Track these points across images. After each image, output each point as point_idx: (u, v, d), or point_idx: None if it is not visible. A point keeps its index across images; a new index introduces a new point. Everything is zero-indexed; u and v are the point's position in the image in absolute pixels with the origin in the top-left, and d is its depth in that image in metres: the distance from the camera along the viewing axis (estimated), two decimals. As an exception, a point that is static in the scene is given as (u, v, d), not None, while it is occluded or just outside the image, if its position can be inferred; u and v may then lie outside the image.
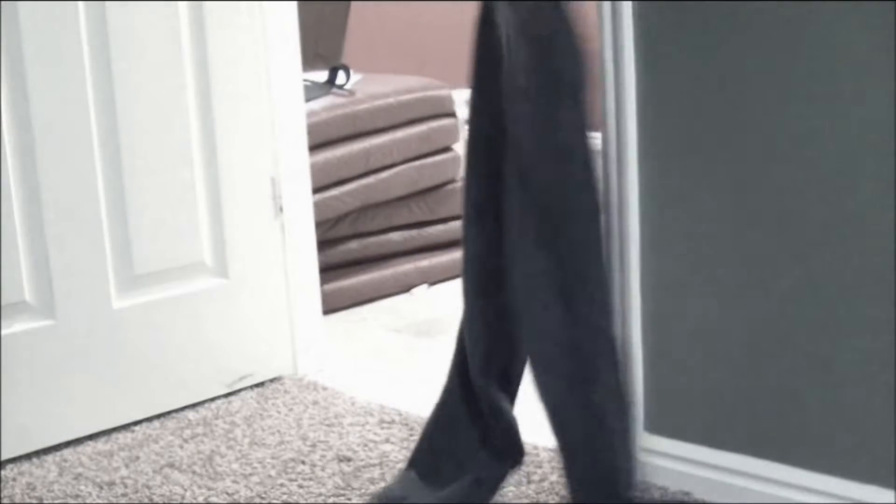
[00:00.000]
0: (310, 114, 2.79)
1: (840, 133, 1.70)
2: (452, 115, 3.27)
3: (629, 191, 1.90)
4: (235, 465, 2.14)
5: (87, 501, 2.05)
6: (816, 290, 1.76)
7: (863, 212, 1.70)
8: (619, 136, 1.90)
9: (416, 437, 2.17)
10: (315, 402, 2.41)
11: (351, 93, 3.10)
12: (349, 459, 2.14)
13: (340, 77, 3.15)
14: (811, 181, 1.74)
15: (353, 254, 3.09)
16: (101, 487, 2.09)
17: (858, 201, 1.70)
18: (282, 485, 2.06)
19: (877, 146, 1.67)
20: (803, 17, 1.70)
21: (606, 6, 1.86)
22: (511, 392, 1.90)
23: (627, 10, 1.85)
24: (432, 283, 3.20)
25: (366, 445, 2.19)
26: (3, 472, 2.17)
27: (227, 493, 2.04)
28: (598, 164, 1.94)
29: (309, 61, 3.11)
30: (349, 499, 1.99)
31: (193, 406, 2.43)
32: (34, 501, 2.05)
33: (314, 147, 2.79)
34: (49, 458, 2.23)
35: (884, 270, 1.69)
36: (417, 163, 3.16)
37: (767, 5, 1.72)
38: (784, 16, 1.71)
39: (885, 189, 1.66)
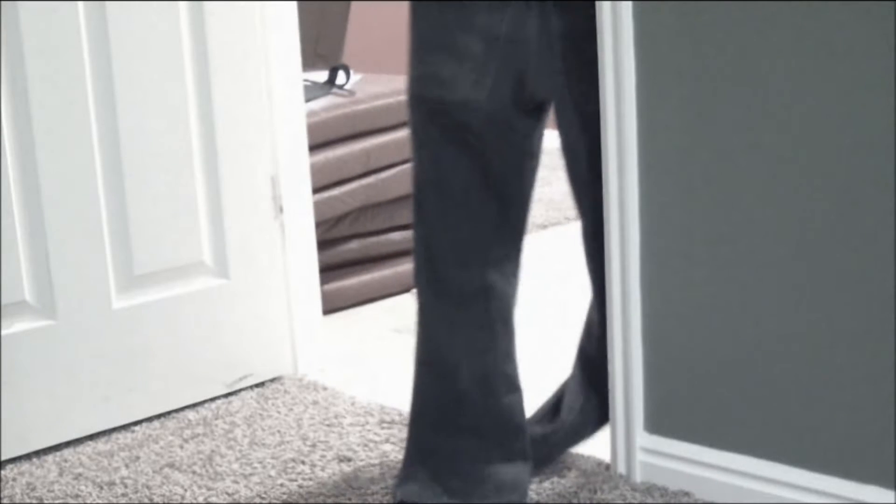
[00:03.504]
0: (310, 114, 2.79)
1: (841, 132, 1.70)
2: (452, 114, 3.25)
3: (629, 191, 1.90)
4: (235, 465, 2.14)
5: (87, 501, 2.05)
6: (816, 290, 1.76)
7: (863, 211, 1.70)
8: (619, 135, 1.89)
9: (416, 437, 2.17)
10: (315, 402, 2.41)
11: (351, 93, 3.10)
12: (349, 459, 2.14)
13: (340, 77, 3.15)
14: (811, 181, 1.74)
15: (353, 254, 3.08)
16: (101, 487, 2.09)
17: (858, 200, 1.70)
18: (282, 485, 2.06)
19: (878, 145, 1.67)
20: (803, 16, 1.70)
21: (606, 6, 1.86)
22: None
23: (627, 10, 1.85)
24: (432, 283, 3.19)
25: (366, 445, 2.19)
26: (3, 472, 2.17)
27: (227, 493, 2.04)
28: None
29: (309, 61, 3.11)
30: (349, 499, 1.99)
31: (193, 406, 2.43)
32: (34, 501, 2.05)
33: (314, 147, 2.79)
34: (49, 458, 2.23)
35: (884, 270, 1.69)
36: (417, 163, 3.16)
37: (767, 5, 1.72)
38: (784, 15, 1.71)
39: (886, 189, 1.66)
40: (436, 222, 1.92)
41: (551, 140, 1.98)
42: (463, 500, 1.89)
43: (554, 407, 2.09)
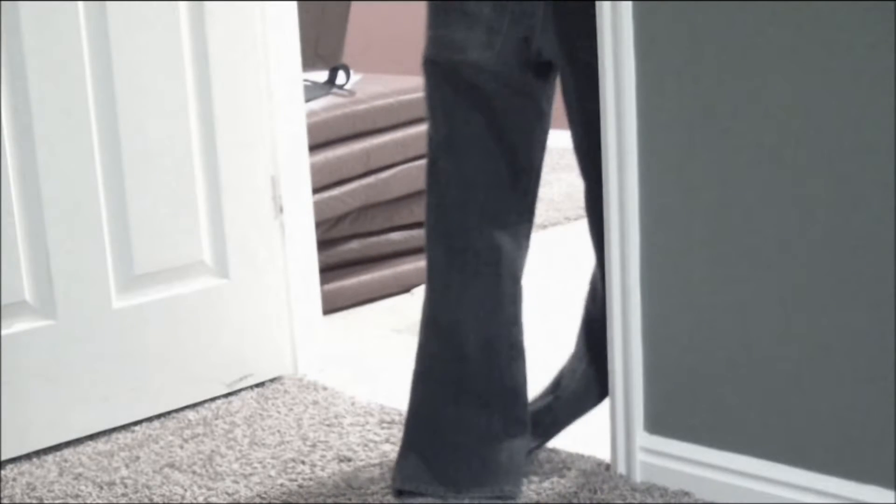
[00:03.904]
0: (310, 114, 2.79)
1: (841, 132, 1.70)
2: (452, 114, 3.26)
3: (629, 191, 1.90)
4: (235, 465, 2.14)
5: (87, 501, 2.05)
6: (816, 290, 1.76)
7: (863, 210, 1.70)
8: (618, 135, 1.90)
9: (416, 437, 2.17)
10: (315, 402, 2.41)
11: (351, 93, 3.10)
12: (349, 459, 2.14)
13: (340, 77, 3.15)
14: (811, 180, 1.74)
15: (353, 254, 3.08)
16: (101, 487, 2.09)
17: (859, 200, 1.70)
18: (282, 485, 2.06)
19: (878, 145, 1.67)
20: (803, 16, 1.70)
21: (606, 6, 1.86)
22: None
23: (627, 10, 1.85)
24: (432, 283, 3.19)
25: (366, 445, 2.19)
26: (3, 472, 2.17)
27: (227, 494, 2.04)
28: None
29: (309, 61, 3.11)
30: (349, 499, 1.99)
31: (193, 406, 2.43)
32: (34, 501, 2.05)
33: (314, 147, 2.79)
34: (49, 458, 2.23)
35: (884, 270, 1.69)
36: (417, 163, 3.16)
37: (767, 5, 1.72)
38: (784, 15, 1.72)
39: (885, 188, 1.66)
40: (449, 182, 1.96)
41: (552, 140, 1.98)
42: (459, 490, 1.93)
43: (555, 383, 2.12)
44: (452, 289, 1.97)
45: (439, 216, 1.98)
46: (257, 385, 2.52)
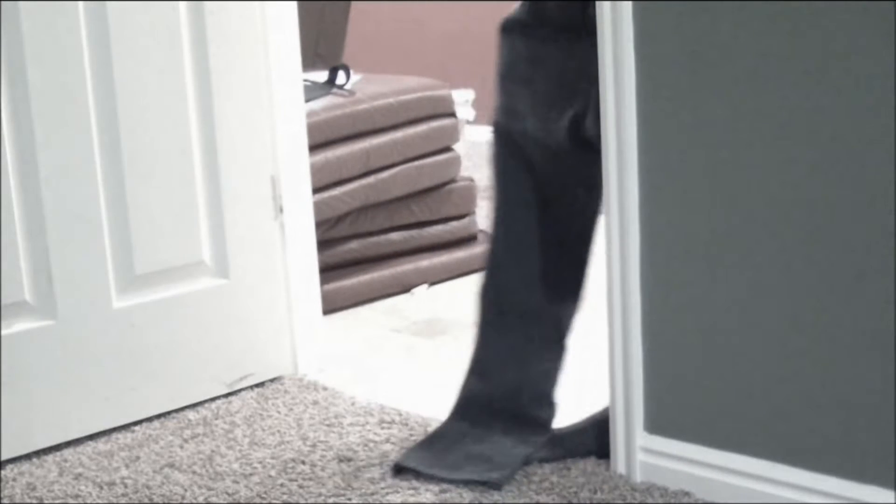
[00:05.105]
0: (310, 114, 2.79)
1: (840, 132, 1.70)
2: (452, 115, 3.26)
3: (629, 191, 1.90)
4: (235, 465, 2.14)
5: (87, 501, 2.05)
6: (816, 290, 1.76)
7: (864, 211, 1.70)
8: (619, 135, 1.90)
9: (416, 438, 2.18)
10: (315, 402, 2.41)
11: (351, 93, 3.10)
12: (349, 459, 2.14)
13: (340, 77, 3.15)
14: (811, 179, 1.74)
15: (353, 254, 3.08)
16: (101, 487, 2.09)
17: (859, 200, 1.70)
18: (282, 485, 2.06)
19: (879, 145, 1.67)
20: (803, 16, 1.70)
21: (606, 6, 1.86)
22: None
23: (627, 10, 1.85)
24: (432, 283, 3.20)
25: (366, 445, 2.19)
26: (3, 472, 2.17)
27: (227, 493, 2.04)
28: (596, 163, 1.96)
29: (309, 61, 3.11)
30: (349, 499, 1.99)
31: (193, 406, 2.43)
32: (34, 501, 2.05)
33: (314, 147, 2.79)
34: (49, 458, 2.23)
35: (883, 269, 1.69)
36: (417, 163, 3.17)
37: (766, 5, 1.72)
38: (784, 15, 1.72)
39: (886, 188, 1.67)
40: (501, 241, 2.11)
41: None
42: (451, 471, 2.01)
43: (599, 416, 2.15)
44: (490, 340, 2.14)
45: (490, 272, 2.15)
46: (257, 385, 2.52)
